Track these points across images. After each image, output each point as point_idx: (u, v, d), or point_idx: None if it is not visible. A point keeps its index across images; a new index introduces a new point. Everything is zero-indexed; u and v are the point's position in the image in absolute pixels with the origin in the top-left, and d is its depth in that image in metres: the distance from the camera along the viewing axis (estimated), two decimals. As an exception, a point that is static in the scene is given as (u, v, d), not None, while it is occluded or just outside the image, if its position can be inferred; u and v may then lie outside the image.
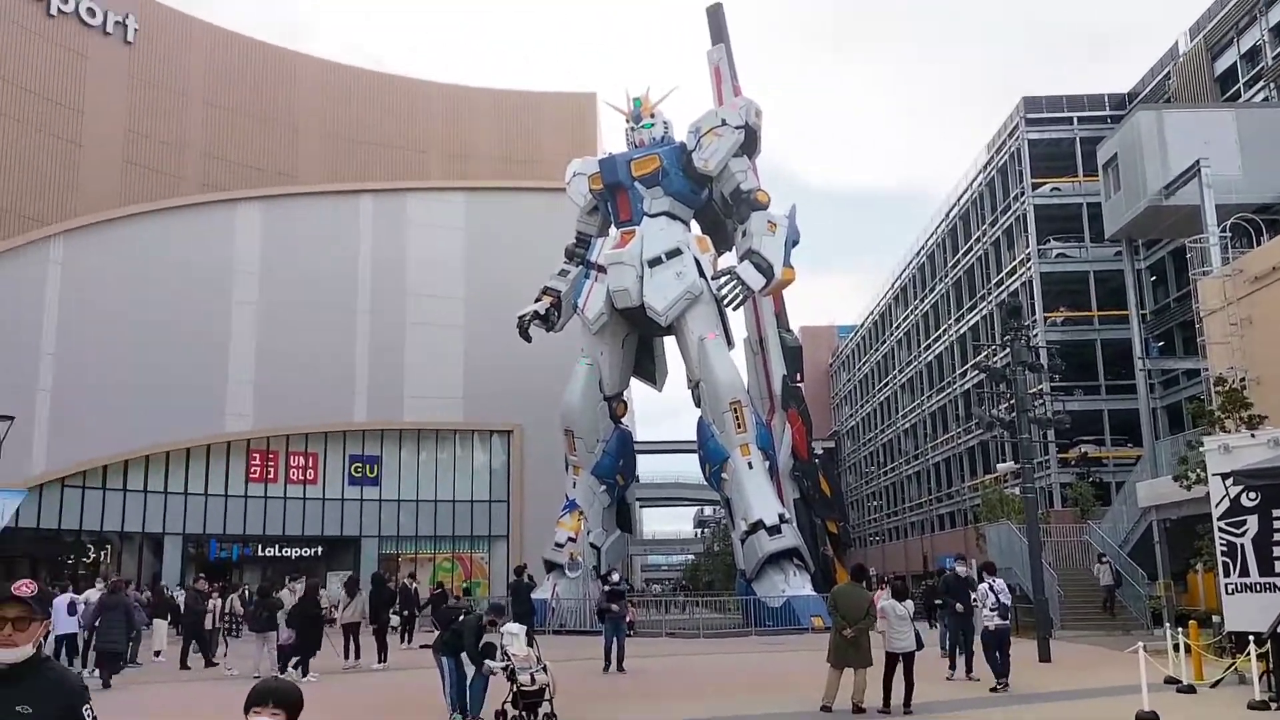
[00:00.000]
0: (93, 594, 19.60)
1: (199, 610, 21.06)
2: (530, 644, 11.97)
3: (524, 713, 11.29)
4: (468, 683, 12.41)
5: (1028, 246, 42.36)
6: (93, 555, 40.60)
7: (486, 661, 11.81)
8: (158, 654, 21.74)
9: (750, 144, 33.19)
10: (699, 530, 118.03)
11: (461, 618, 12.57)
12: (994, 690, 14.02)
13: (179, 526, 41.51)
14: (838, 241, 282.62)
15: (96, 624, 18.21)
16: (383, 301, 45.99)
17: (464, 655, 12.32)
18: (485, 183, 49.22)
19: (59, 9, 39.52)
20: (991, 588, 14.64)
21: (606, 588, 18.78)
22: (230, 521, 42.77)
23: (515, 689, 11.37)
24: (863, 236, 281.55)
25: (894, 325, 63.83)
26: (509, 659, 11.52)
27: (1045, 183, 43.33)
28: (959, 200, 52.00)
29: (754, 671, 17.93)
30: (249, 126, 45.13)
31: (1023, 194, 43.13)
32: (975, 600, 15.40)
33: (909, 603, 12.88)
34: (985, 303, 46.71)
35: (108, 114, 40.91)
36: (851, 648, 12.25)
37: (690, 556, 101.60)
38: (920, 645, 12.60)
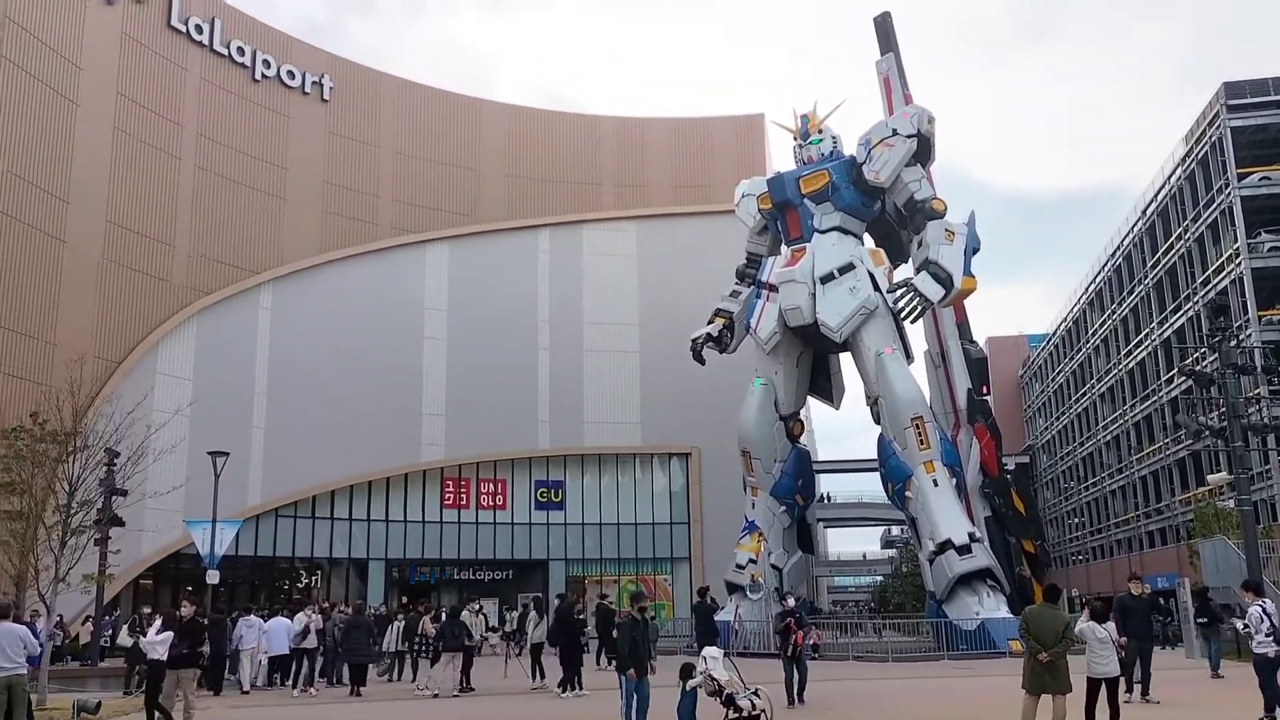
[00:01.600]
0: (301, 617, 20.92)
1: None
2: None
3: None
4: (648, 702, 12.41)
5: (1236, 241, 39.34)
6: (305, 580, 43.43)
7: (685, 682, 11.73)
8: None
9: (923, 152, 32.34)
10: (887, 551, 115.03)
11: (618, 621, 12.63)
12: None
13: (381, 552, 43.85)
14: (1024, 248, 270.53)
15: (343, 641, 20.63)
16: (561, 331, 47.36)
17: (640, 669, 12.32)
18: (656, 210, 50.05)
19: (263, 74, 42.90)
20: (1264, 610, 13.36)
21: (786, 619, 16.68)
22: (428, 546, 44.84)
23: (731, 715, 11.14)
24: (1051, 241, 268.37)
25: (1090, 332, 60.46)
26: (717, 684, 11.35)
27: (1253, 172, 40.18)
28: (1156, 197, 48.88)
29: (946, 697, 17.25)
30: (435, 171, 47.57)
31: (1227, 185, 40.14)
32: (1246, 624, 14.09)
33: (1110, 625, 12.07)
34: (1190, 304, 43.63)
35: (308, 168, 44.03)
36: (1048, 673, 11.59)
37: (879, 578, 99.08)
38: (1124, 670, 11.79)
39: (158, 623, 14.91)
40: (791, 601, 16.51)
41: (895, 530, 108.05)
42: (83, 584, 18.72)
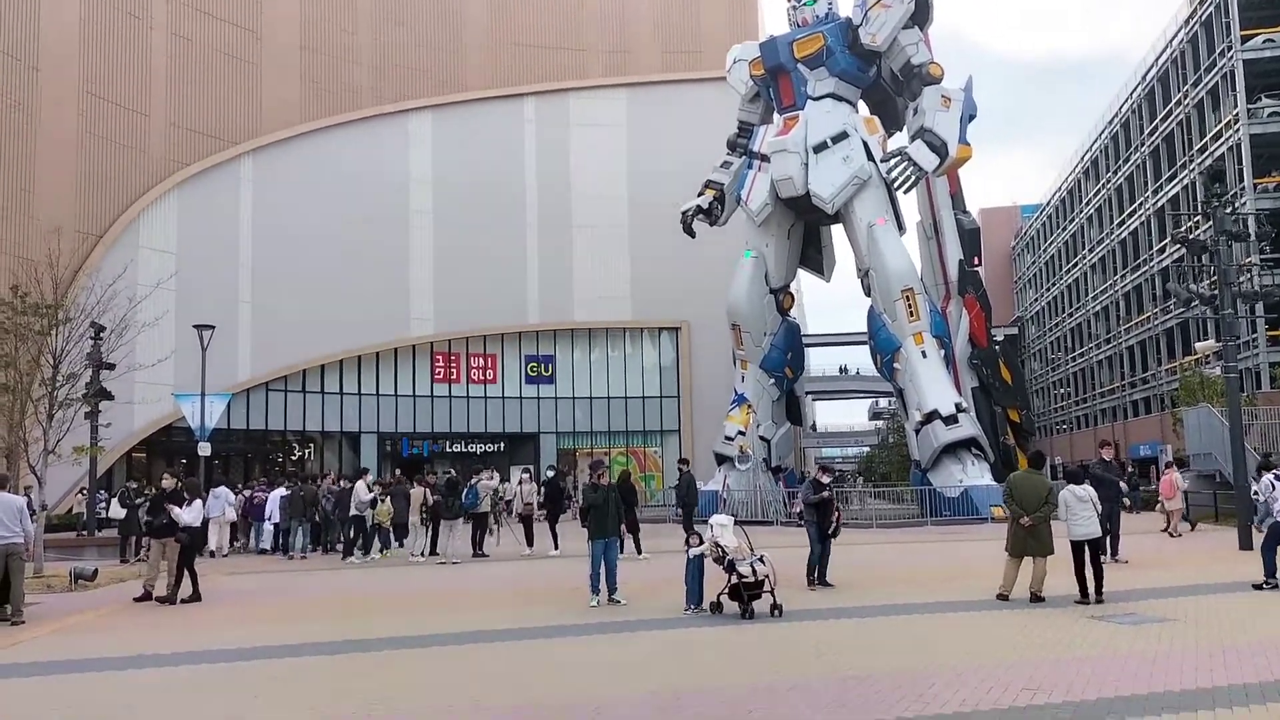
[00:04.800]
0: (361, 486, 21.39)
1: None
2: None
3: (744, 604, 11.22)
4: (616, 565, 12.78)
5: (1235, 107, 38.57)
6: (298, 453, 43.86)
7: (690, 549, 11.92)
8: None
9: (921, 14, 31.23)
10: (874, 422, 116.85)
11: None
12: (1258, 587, 12.96)
13: (373, 425, 44.19)
14: (1021, 115, 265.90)
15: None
16: (549, 204, 46.64)
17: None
18: (645, 78, 48.68)
19: (232, -69, 40.92)
20: (1276, 478, 13.33)
21: (814, 494, 14.19)
22: (419, 420, 45.20)
23: (734, 581, 11.34)
24: (1048, 108, 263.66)
25: (1083, 202, 59.93)
26: (721, 550, 11.49)
27: (1256, 34, 39.10)
28: (1156, 61, 47.71)
29: (929, 562, 17.65)
30: (415, 37, 46.00)
31: (1230, 49, 39.10)
32: (1256, 492, 13.94)
33: (1088, 487, 12.21)
34: (1186, 172, 43.09)
35: (282, 32, 42.47)
36: (1031, 537, 11.80)
37: (865, 449, 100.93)
38: (1104, 531, 11.96)
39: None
40: (826, 479, 14.31)
41: (883, 402, 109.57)
42: (73, 456, 18.78)
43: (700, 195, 34.99)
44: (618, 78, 48.62)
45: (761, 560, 11.38)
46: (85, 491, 29.01)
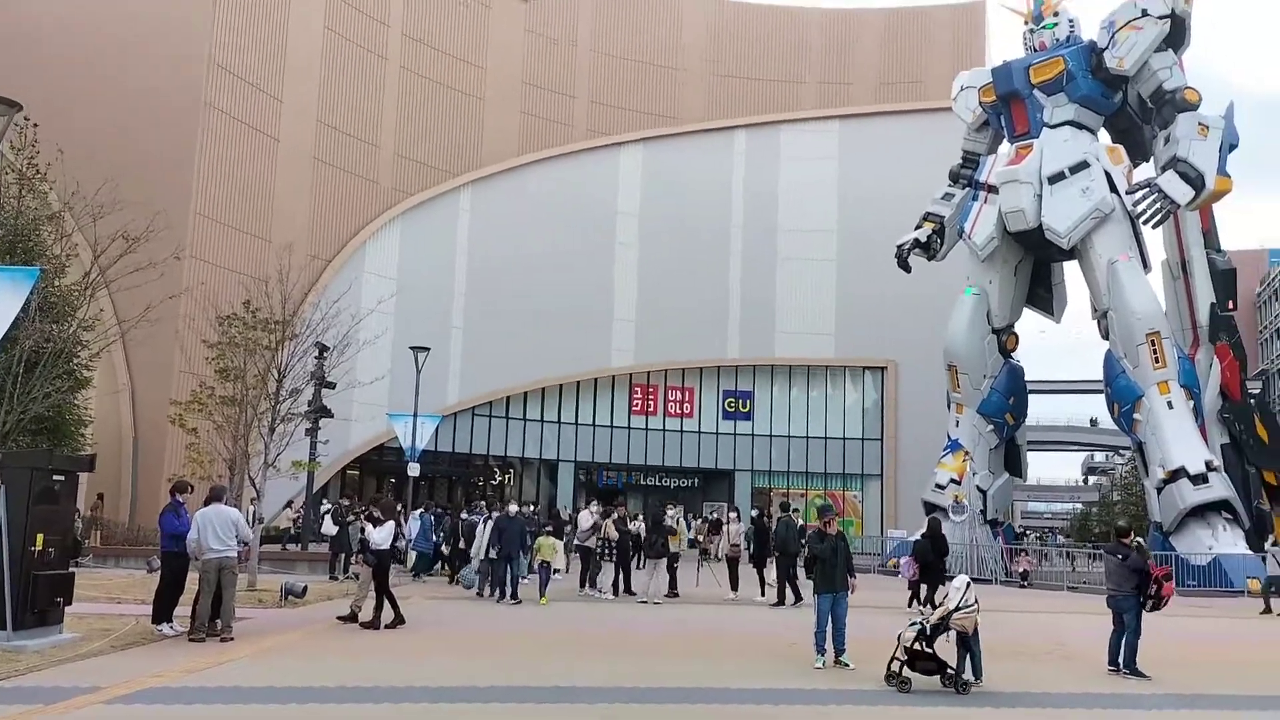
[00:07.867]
0: (586, 515, 21.25)
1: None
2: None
3: (890, 672, 10.14)
4: (845, 623, 11.46)
5: None
6: (499, 478, 44.54)
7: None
8: (556, 571, 22.92)
9: (1177, 36, 28.62)
10: (1087, 478, 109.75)
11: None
12: None
13: (571, 454, 44.34)
14: (1267, 154, 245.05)
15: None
16: (754, 237, 45.81)
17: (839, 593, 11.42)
18: (859, 109, 47.31)
19: (464, -30, 42.61)
20: None
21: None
22: (615, 451, 45.04)
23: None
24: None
25: (1348, 246, 53.80)
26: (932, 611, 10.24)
27: None
28: None
29: (1197, 640, 15.38)
30: (633, 70, 46.53)
31: None
32: None
33: None
34: None
35: (506, 67, 43.78)
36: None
37: (1078, 505, 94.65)
38: None
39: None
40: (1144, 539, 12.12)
41: (1099, 456, 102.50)
42: (291, 470, 19.18)
43: (918, 228, 33.22)
44: (831, 110, 47.45)
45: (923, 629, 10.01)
46: (292, 507, 30.07)
